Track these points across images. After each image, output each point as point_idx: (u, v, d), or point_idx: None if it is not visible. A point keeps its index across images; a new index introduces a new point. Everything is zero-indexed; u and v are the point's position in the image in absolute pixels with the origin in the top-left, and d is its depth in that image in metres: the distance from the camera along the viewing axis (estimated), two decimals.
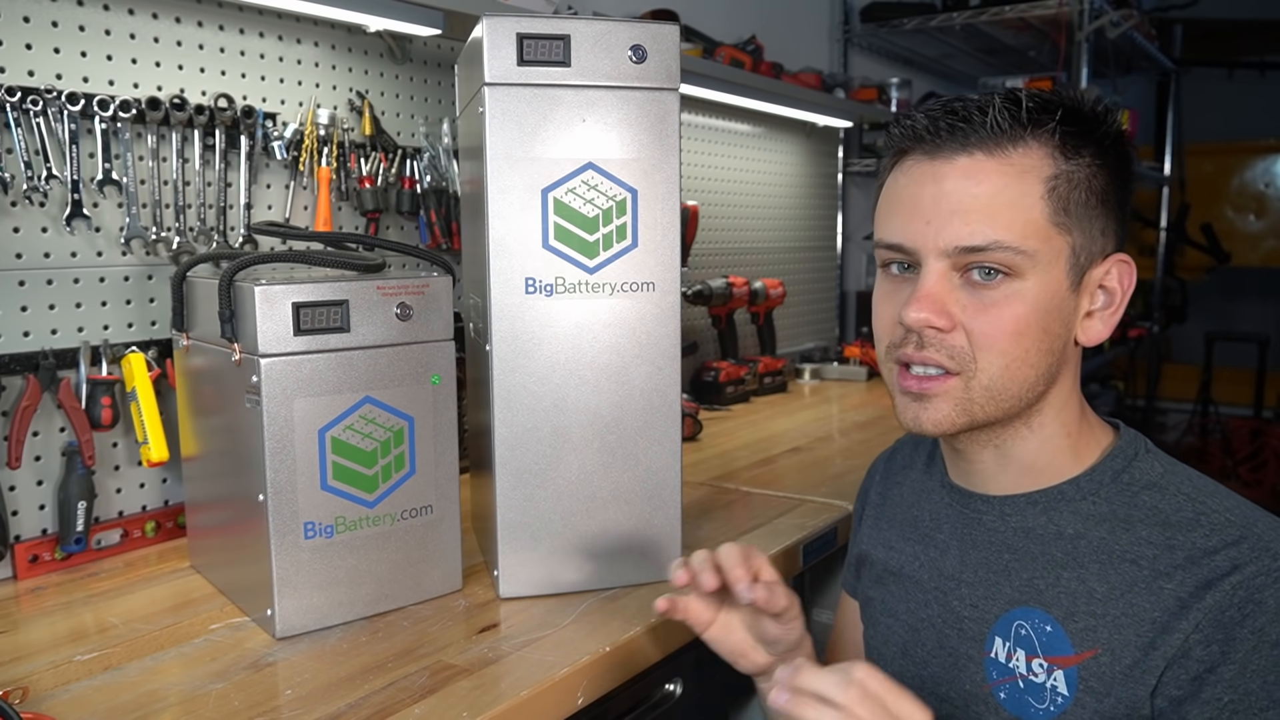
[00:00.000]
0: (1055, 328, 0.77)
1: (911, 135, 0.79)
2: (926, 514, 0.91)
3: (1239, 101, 5.10)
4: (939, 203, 0.76)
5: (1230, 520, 0.74)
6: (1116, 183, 0.79)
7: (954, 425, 0.79)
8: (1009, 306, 0.75)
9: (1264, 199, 5.05)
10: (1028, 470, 0.82)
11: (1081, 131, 0.77)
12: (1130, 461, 0.80)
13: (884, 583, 0.93)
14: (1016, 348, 0.76)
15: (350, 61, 1.53)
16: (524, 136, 1.01)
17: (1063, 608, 0.77)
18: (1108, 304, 0.80)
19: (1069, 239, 0.76)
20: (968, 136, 0.76)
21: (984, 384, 0.77)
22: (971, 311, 0.76)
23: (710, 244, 2.47)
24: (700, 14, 2.36)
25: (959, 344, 0.76)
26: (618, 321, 1.06)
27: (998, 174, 0.75)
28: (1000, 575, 0.82)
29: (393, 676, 0.90)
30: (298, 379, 0.97)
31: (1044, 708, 0.76)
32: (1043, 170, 0.75)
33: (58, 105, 1.17)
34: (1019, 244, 0.74)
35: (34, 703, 0.85)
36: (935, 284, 0.76)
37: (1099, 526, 0.78)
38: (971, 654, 0.82)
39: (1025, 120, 0.75)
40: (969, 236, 0.75)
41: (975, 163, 0.76)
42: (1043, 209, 0.75)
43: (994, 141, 0.75)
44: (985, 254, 0.74)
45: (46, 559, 1.19)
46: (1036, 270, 0.75)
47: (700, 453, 1.79)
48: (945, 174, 0.76)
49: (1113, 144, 0.79)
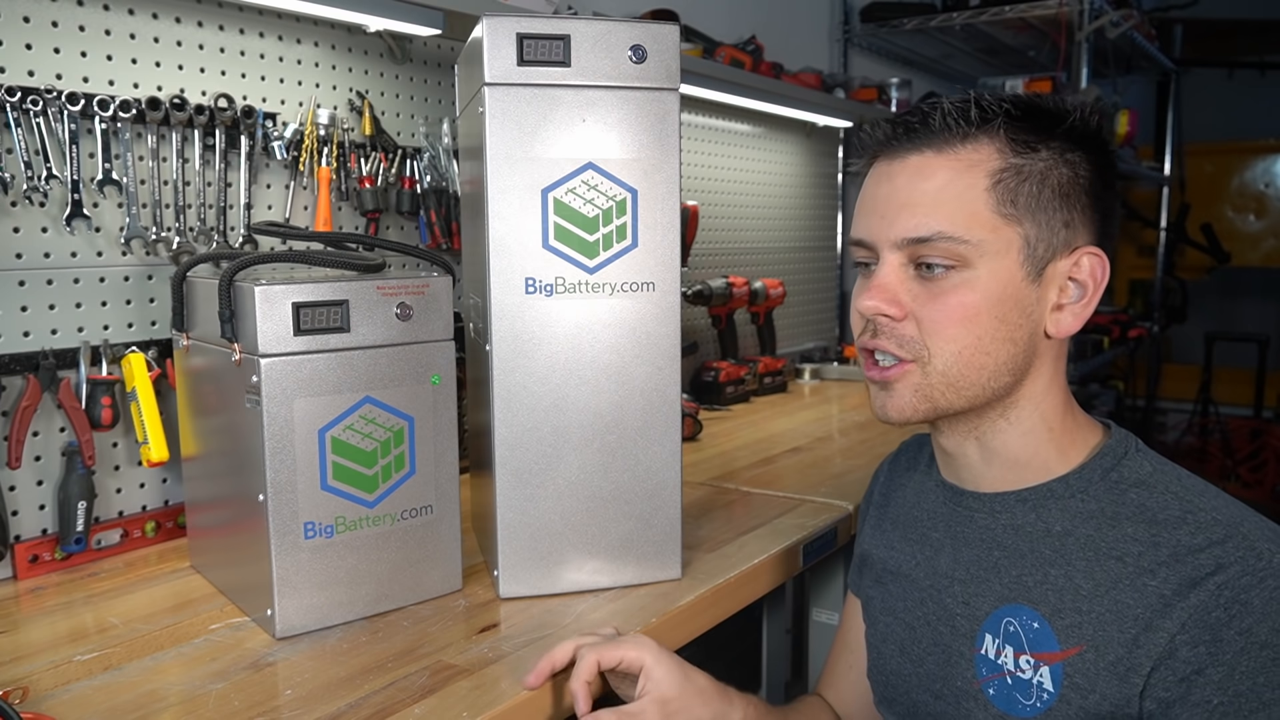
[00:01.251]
0: (1012, 317, 0.79)
1: (875, 141, 0.84)
2: (924, 513, 0.92)
3: (1239, 101, 5.10)
4: (891, 198, 0.81)
5: (1216, 519, 0.74)
6: (1087, 177, 0.80)
7: (916, 412, 0.82)
8: (956, 294, 0.78)
9: (1264, 199, 5.05)
10: (1012, 465, 0.83)
11: (1036, 127, 0.79)
12: (1120, 460, 0.81)
13: (883, 582, 0.94)
14: (967, 334, 0.78)
15: (350, 61, 1.53)
16: (524, 136, 1.01)
17: (1050, 604, 0.78)
18: (1079, 296, 0.81)
19: (1019, 229, 0.78)
20: (920, 137, 0.80)
21: (940, 369, 0.80)
22: (922, 300, 0.80)
23: (710, 244, 2.47)
24: (700, 14, 2.36)
25: (909, 333, 0.80)
26: (618, 321, 1.06)
27: (945, 169, 0.79)
28: (991, 572, 0.82)
29: (393, 676, 0.90)
30: (298, 379, 0.97)
31: (1030, 704, 0.77)
32: (989, 164, 0.78)
33: (58, 105, 1.17)
34: (962, 234, 0.77)
35: (34, 703, 0.85)
36: (888, 275, 0.81)
37: (1086, 524, 0.79)
38: (963, 651, 0.83)
39: (974, 118, 0.78)
40: (915, 229, 0.78)
41: (925, 160, 0.80)
42: (987, 200, 0.78)
43: (943, 140, 0.79)
44: (930, 245, 0.78)
45: (46, 559, 1.19)
46: (985, 260, 0.78)
47: (700, 453, 1.79)
48: (898, 172, 0.81)
49: (1081, 139, 0.80)
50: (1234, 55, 4.99)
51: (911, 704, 0.88)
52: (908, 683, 0.88)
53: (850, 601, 1.05)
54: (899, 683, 0.89)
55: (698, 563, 1.18)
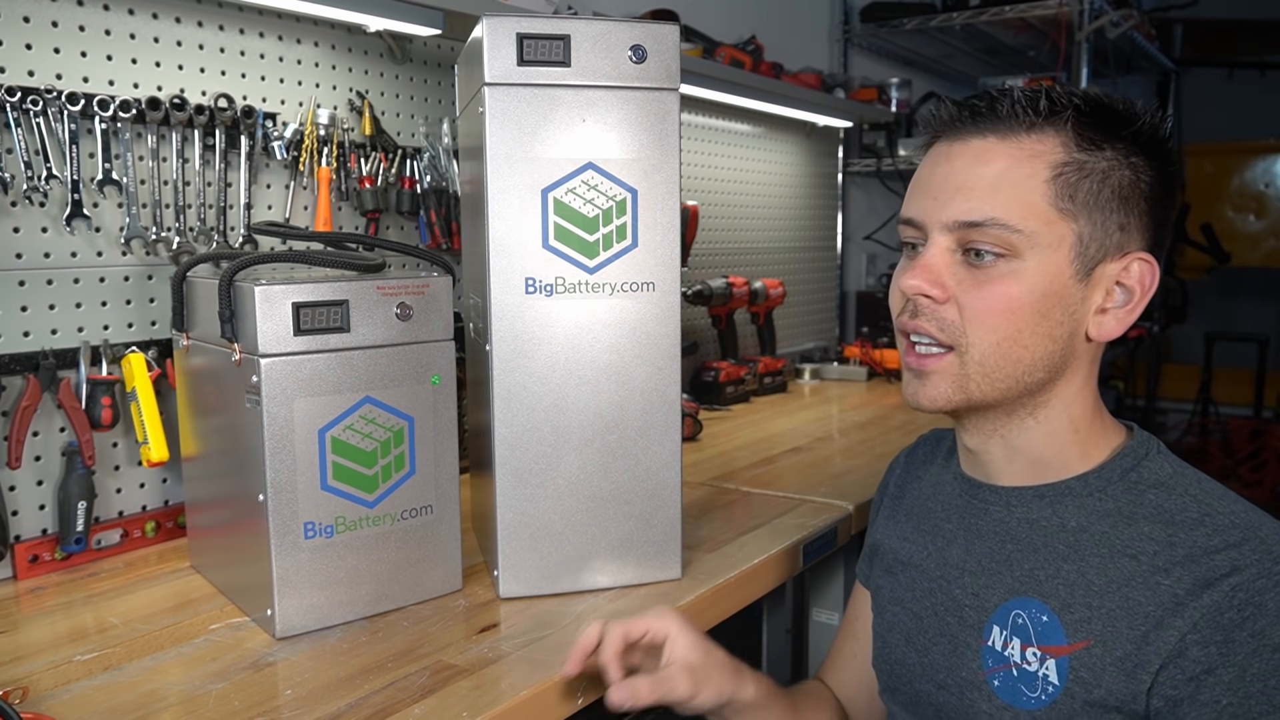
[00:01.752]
0: (1056, 314, 0.78)
1: (939, 121, 0.82)
2: (939, 504, 0.92)
3: (1239, 101, 5.10)
4: (948, 180, 0.79)
5: (1235, 523, 0.74)
6: (1148, 183, 0.79)
7: (949, 402, 0.81)
8: (1002, 284, 0.77)
9: (1264, 199, 5.05)
10: (1035, 463, 0.83)
11: (1104, 126, 0.78)
12: (1140, 461, 0.81)
13: (893, 572, 0.94)
14: (1008, 325, 0.78)
15: (350, 61, 1.53)
16: (524, 136, 1.01)
17: (1060, 599, 0.78)
18: (1125, 302, 0.81)
19: (1074, 226, 0.77)
20: (986, 122, 0.79)
21: (977, 359, 0.79)
22: (967, 286, 0.78)
23: (710, 244, 2.47)
24: (700, 14, 2.36)
25: (950, 316, 0.79)
26: (618, 321, 1.06)
27: (1006, 156, 0.77)
28: (1002, 565, 0.82)
29: (393, 676, 0.90)
30: (298, 379, 0.97)
31: (1035, 696, 0.77)
32: (1052, 156, 0.77)
33: (58, 105, 1.17)
34: (1016, 223, 0.76)
35: (34, 703, 0.85)
36: (935, 256, 0.79)
37: (1103, 521, 0.79)
38: (970, 641, 0.83)
39: (1043, 108, 0.77)
40: (968, 212, 0.77)
41: (987, 145, 0.78)
42: (1045, 192, 0.76)
43: (1008, 127, 0.78)
44: (982, 230, 0.77)
45: (46, 559, 1.19)
46: (1035, 252, 0.77)
47: (700, 453, 1.79)
48: (958, 154, 0.80)
49: (1148, 144, 0.79)
50: (1234, 55, 4.99)
51: (915, 693, 0.88)
52: (911, 672, 0.88)
53: (858, 592, 1.06)
54: (903, 672, 0.89)
55: (698, 563, 1.18)
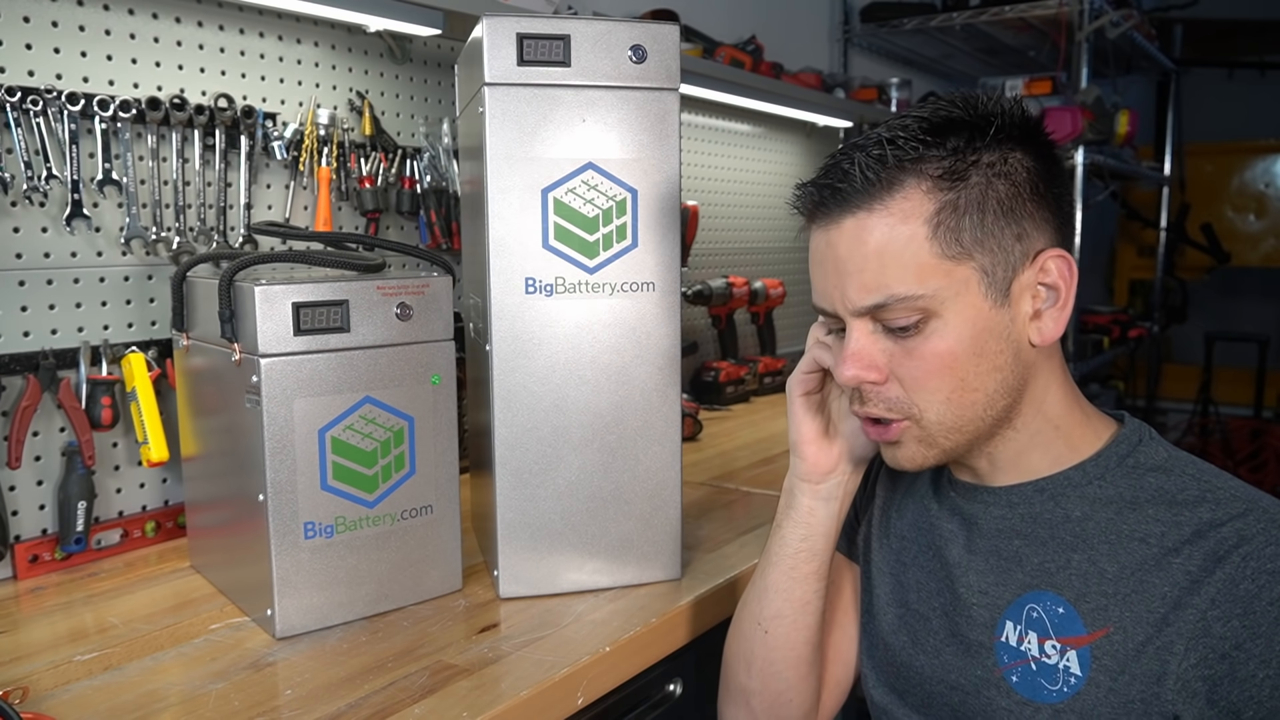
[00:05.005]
0: (992, 346, 0.77)
1: (806, 208, 0.81)
2: (934, 503, 0.92)
3: (1239, 101, 5.10)
4: (838, 268, 0.78)
5: (1236, 496, 0.75)
6: (1027, 180, 0.77)
7: (927, 460, 0.82)
8: (929, 346, 0.77)
9: (1264, 199, 5.05)
10: (1024, 463, 0.83)
11: (962, 148, 0.76)
12: (1135, 447, 0.81)
13: (894, 572, 0.94)
14: (951, 380, 0.77)
15: (350, 61, 1.53)
16: (524, 136, 1.01)
17: (1074, 589, 0.78)
18: (1054, 300, 0.79)
19: (972, 264, 0.76)
20: (847, 196, 0.76)
21: (934, 420, 0.79)
22: (899, 359, 0.78)
23: (710, 244, 2.47)
24: (700, 14, 2.36)
25: (894, 395, 0.79)
26: (618, 321, 1.06)
27: (881, 226, 0.76)
28: (1011, 561, 0.83)
29: (393, 676, 0.90)
30: (298, 379, 0.97)
31: (1056, 689, 0.77)
32: (923, 210, 0.75)
33: (58, 105, 1.17)
34: (916, 290, 0.75)
35: (34, 703, 0.85)
36: (859, 341, 0.79)
37: (1106, 508, 0.79)
38: (982, 640, 0.83)
39: (893, 163, 0.75)
40: (866, 297, 0.77)
41: (858, 221, 0.76)
42: (931, 249, 0.75)
43: (870, 194, 0.76)
44: (888, 309, 0.76)
45: (46, 559, 1.19)
46: (948, 305, 0.76)
47: (700, 453, 1.79)
48: (836, 240, 0.78)
49: (1014, 136, 0.77)
50: (1234, 55, 4.99)
51: (926, 695, 0.88)
52: (921, 674, 0.88)
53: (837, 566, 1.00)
54: (911, 674, 0.89)
55: (698, 563, 1.18)
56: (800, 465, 0.92)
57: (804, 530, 0.92)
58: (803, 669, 0.94)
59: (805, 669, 0.95)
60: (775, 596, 0.93)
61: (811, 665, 0.95)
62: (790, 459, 0.93)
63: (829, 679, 1.00)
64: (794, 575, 0.92)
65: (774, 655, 0.94)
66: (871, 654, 0.95)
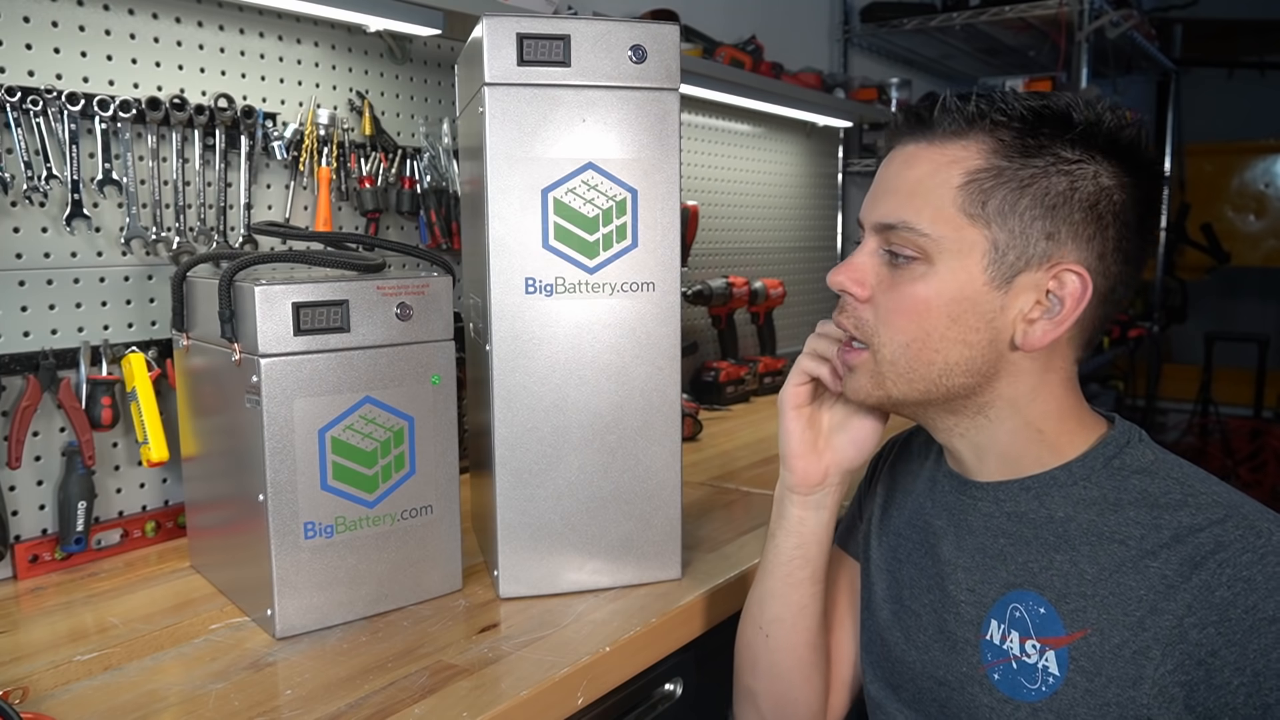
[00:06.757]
0: (969, 319, 0.78)
1: (892, 127, 0.85)
2: (929, 501, 0.92)
3: (1239, 101, 5.10)
4: (880, 184, 0.83)
5: (1217, 501, 0.75)
6: (1100, 196, 0.76)
7: (870, 396, 0.84)
8: (912, 286, 0.79)
9: (1264, 199, 5.05)
10: (1005, 459, 0.84)
11: (1040, 133, 0.77)
12: (1122, 449, 0.81)
13: (890, 569, 0.94)
14: (916, 327, 0.79)
15: (350, 61, 1.53)
16: (524, 136, 1.01)
17: (1056, 590, 0.78)
18: (1054, 312, 0.77)
19: (985, 233, 0.77)
20: (922, 126, 0.81)
21: (888, 358, 0.81)
22: (885, 286, 0.81)
23: (710, 244, 2.47)
24: (700, 14, 2.36)
25: (866, 316, 0.83)
26: (618, 321, 1.06)
27: (928, 161, 0.79)
28: (996, 560, 0.83)
29: (393, 676, 0.90)
30: (298, 379, 0.97)
31: (1035, 688, 0.78)
32: (970, 162, 0.78)
33: (58, 105, 1.17)
34: (925, 228, 0.78)
35: (34, 703, 0.85)
36: (863, 255, 0.83)
37: (1089, 509, 0.79)
38: (968, 637, 0.83)
39: (970, 114, 0.78)
40: (886, 214, 0.81)
41: (918, 149, 0.81)
42: (954, 198, 0.77)
43: (940, 131, 0.80)
44: (896, 232, 0.80)
45: (46, 559, 1.19)
46: (945, 257, 0.78)
47: (700, 453, 1.79)
48: (897, 158, 0.83)
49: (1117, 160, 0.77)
50: (1234, 55, 4.99)
51: (917, 690, 0.88)
52: (912, 669, 0.88)
53: (841, 565, 1.01)
54: (903, 670, 0.89)
55: (698, 563, 1.18)
56: (789, 477, 0.94)
57: (796, 539, 0.94)
58: (805, 670, 0.96)
59: (808, 670, 0.96)
60: (773, 602, 0.95)
61: (814, 667, 0.96)
62: (780, 470, 0.95)
63: (836, 680, 1.00)
64: (789, 581, 0.94)
65: (776, 658, 0.96)
66: (869, 649, 0.96)
